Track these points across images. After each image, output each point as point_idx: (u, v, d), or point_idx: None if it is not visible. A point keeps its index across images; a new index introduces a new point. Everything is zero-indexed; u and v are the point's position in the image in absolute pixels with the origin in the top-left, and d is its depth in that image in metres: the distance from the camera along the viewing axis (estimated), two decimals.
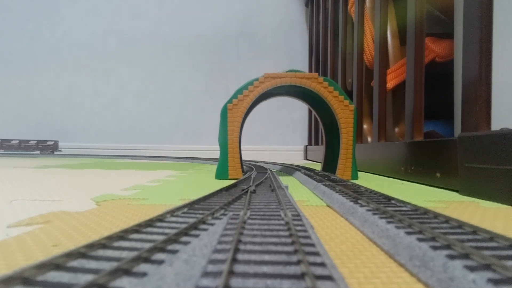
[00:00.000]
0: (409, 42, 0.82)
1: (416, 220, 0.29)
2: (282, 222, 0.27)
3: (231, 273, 0.17)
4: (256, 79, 0.79)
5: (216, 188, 0.46)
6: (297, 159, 2.21)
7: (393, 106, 1.20)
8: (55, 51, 2.34)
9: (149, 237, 0.23)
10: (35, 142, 2.20)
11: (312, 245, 0.21)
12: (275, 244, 0.22)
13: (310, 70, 2.19)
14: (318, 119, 0.97)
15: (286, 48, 2.34)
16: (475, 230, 0.25)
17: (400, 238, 0.25)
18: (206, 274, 0.17)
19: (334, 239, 0.30)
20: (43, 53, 2.33)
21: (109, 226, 0.33)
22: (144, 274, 0.17)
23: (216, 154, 0.90)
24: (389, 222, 0.29)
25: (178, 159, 1.86)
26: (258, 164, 1.27)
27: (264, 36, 2.34)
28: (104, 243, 0.21)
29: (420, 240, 0.23)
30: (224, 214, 0.30)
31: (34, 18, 2.33)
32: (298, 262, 0.18)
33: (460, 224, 0.27)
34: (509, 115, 0.66)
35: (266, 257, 0.19)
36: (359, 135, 1.17)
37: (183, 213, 0.31)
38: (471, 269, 0.18)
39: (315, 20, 2.04)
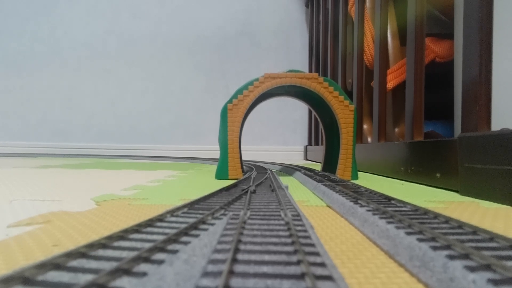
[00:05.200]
0: (409, 42, 0.82)
1: (416, 220, 0.29)
2: (282, 222, 0.27)
3: (231, 273, 0.17)
4: (256, 79, 0.79)
5: (216, 188, 0.46)
6: (297, 159, 2.21)
7: (393, 106, 1.20)
8: (55, 51, 2.33)
9: (149, 237, 0.23)
10: None
11: (312, 245, 0.21)
12: (275, 244, 0.22)
13: (310, 70, 2.19)
14: (318, 119, 0.97)
15: (286, 48, 2.34)
16: (475, 231, 0.25)
17: (400, 238, 0.25)
18: (206, 274, 0.17)
19: (334, 239, 0.30)
20: (43, 53, 2.33)
21: (109, 226, 0.33)
22: (144, 274, 0.17)
23: (216, 154, 0.90)
24: (389, 222, 0.29)
25: (178, 159, 1.86)
26: (258, 164, 1.27)
27: (264, 36, 2.33)
28: (104, 243, 0.21)
29: (420, 240, 0.23)
30: (224, 214, 0.30)
31: (34, 18, 2.33)
32: (298, 262, 0.18)
33: (460, 225, 0.27)
34: (509, 115, 0.66)
35: (266, 257, 0.19)
36: (359, 135, 1.17)
37: (183, 213, 0.31)
38: (471, 269, 0.18)
39: (315, 20, 2.04)
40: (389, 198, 0.40)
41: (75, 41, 2.33)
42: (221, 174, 0.81)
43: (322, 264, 0.18)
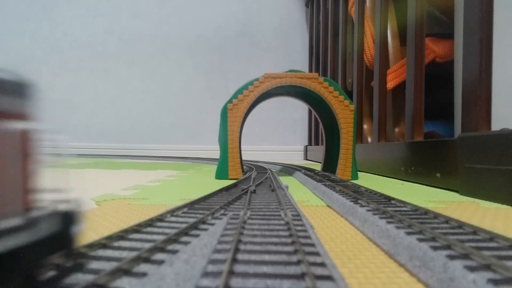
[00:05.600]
0: (409, 42, 0.82)
1: (416, 220, 0.29)
2: (282, 222, 0.27)
3: (231, 273, 0.17)
4: (256, 79, 0.79)
5: (216, 188, 0.46)
6: (297, 159, 2.21)
7: (393, 106, 1.20)
8: (55, 50, 2.33)
9: (149, 237, 0.23)
10: None
11: (312, 245, 0.21)
12: (275, 244, 0.22)
13: (310, 70, 2.19)
14: (318, 119, 0.97)
15: (286, 48, 2.34)
16: (475, 231, 0.25)
17: (400, 238, 0.25)
18: (206, 274, 0.17)
19: (334, 239, 0.30)
20: (43, 53, 2.33)
21: (109, 225, 0.33)
22: (144, 274, 0.17)
23: (216, 154, 0.90)
24: (389, 222, 0.29)
25: (178, 159, 1.86)
26: (258, 164, 1.27)
27: (264, 36, 2.33)
28: (104, 243, 0.21)
29: (420, 240, 0.23)
30: (224, 214, 0.30)
31: (34, 18, 2.33)
32: (298, 262, 0.18)
33: (460, 225, 0.27)
34: (509, 115, 0.66)
35: (266, 257, 0.19)
36: (359, 135, 1.17)
37: (183, 213, 0.31)
38: (471, 269, 0.18)
39: (315, 20, 2.04)
40: (389, 198, 0.40)
41: (75, 41, 2.33)
42: (221, 174, 0.81)
43: (322, 264, 0.18)
